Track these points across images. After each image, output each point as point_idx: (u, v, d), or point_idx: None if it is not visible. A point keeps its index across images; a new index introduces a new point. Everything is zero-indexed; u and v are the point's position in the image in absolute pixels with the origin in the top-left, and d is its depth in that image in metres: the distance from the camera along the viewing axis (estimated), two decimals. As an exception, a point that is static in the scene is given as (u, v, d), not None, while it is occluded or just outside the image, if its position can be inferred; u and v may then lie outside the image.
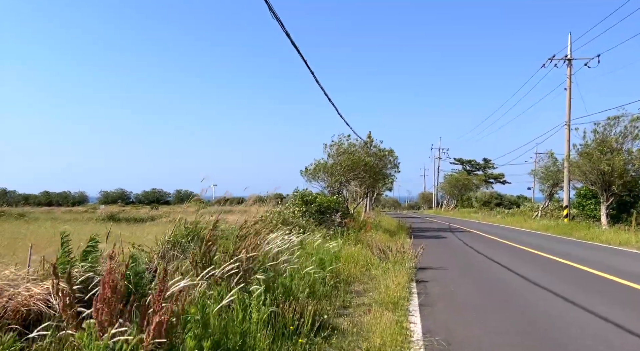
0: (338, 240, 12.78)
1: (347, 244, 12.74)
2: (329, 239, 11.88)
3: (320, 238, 10.94)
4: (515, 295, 7.88)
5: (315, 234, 11.29)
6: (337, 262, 9.64)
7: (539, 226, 28.35)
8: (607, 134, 24.46)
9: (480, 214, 48.28)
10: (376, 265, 10.47)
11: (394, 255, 10.65)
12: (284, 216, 13.33)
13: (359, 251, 11.39)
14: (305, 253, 8.02)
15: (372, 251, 11.14)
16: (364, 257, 11.03)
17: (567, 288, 8.45)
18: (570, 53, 30.29)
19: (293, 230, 10.82)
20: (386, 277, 8.44)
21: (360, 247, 12.82)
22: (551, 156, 36.37)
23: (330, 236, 13.70)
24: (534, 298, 7.67)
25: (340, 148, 23.18)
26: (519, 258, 13.29)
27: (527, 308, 6.93)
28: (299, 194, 16.35)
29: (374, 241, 13.67)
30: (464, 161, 78.91)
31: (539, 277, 9.67)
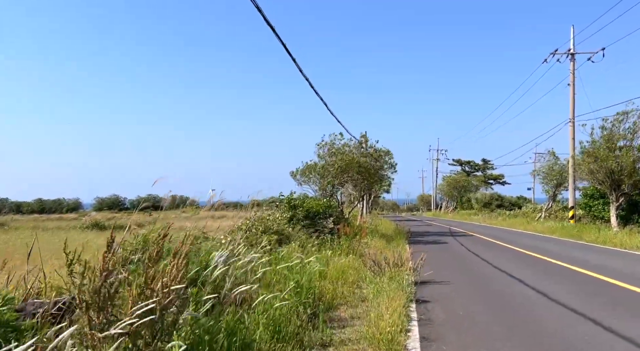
0: (326, 251, 11.30)
1: (337, 255, 11.26)
2: (314, 250, 10.37)
3: (299, 250, 9.45)
4: (539, 321, 6.40)
5: (294, 246, 9.78)
6: (321, 280, 8.15)
7: (544, 229, 26.90)
8: (616, 130, 23.03)
9: (480, 216, 46.82)
10: (370, 280, 8.98)
11: (390, 268, 9.16)
12: (266, 223, 11.83)
13: (349, 263, 9.89)
14: (276, 274, 6.51)
15: (365, 264, 9.64)
16: (355, 271, 9.54)
17: (614, 315, 6.97)
18: (573, 47, 28.92)
19: (269, 241, 9.32)
20: (379, 300, 6.94)
21: (353, 258, 11.33)
22: (553, 155, 34.96)
23: (319, 246, 12.20)
24: (565, 326, 6.18)
25: (332, 148, 21.70)
26: (530, 266, 11.81)
27: (564, 344, 5.44)
28: (285, 199, 14.85)
29: (368, 251, 12.19)
30: (462, 162, 77.51)
31: (558, 292, 8.19)
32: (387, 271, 9.07)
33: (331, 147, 21.77)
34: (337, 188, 21.72)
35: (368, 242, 16.59)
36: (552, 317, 6.49)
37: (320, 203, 15.55)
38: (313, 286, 6.64)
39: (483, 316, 6.67)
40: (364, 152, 24.43)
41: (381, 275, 9.09)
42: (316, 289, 6.73)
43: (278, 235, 11.71)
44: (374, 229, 21.68)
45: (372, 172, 23.35)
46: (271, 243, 9.27)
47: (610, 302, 7.50)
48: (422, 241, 19.98)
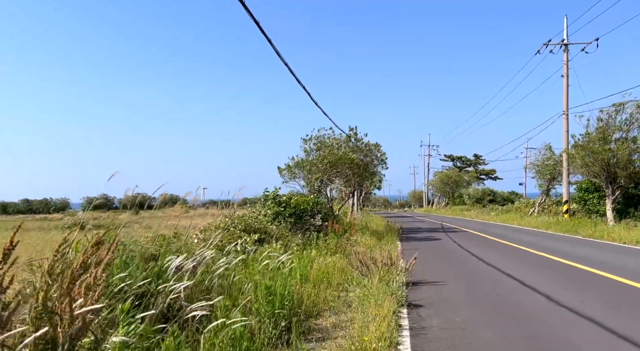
0: (311, 250, 10.51)
1: (323, 255, 10.48)
2: (297, 250, 9.57)
3: (281, 250, 8.64)
4: (539, 324, 5.65)
5: (275, 245, 8.97)
6: (303, 283, 7.36)
7: (539, 224, 26.28)
8: (612, 122, 22.44)
9: (473, 212, 46.26)
10: (357, 282, 8.21)
11: (379, 269, 8.39)
12: (246, 221, 11.01)
13: (335, 263, 9.11)
14: (247, 280, 5.69)
15: (352, 265, 8.86)
16: (341, 272, 8.76)
17: (622, 318, 6.24)
18: (566, 37, 28.30)
19: (246, 240, 8.51)
20: (366, 305, 6.16)
21: (340, 257, 10.56)
22: (549, 149, 34.36)
23: (304, 245, 11.42)
24: (578, 336, 5.44)
25: (319, 142, 20.85)
26: (529, 264, 11.10)
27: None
28: (270, 195, 14.02)
29: (357, 250, 11.44)
30: (454, 158, 77.03)
31: (562, 293, 7.48)
32: (376, 272, 8.30)
33: (317, 141, 20.93)
34: (326, 184, 20.92)
35: (358, 240, 15.84)
36: (554, 317, 5.75)
37: (308, 199, 14.75)
38: (290, 292, 5.84)
39: (483, 324, 5.90)
40: (353, 146, 23.65)
41: (370, 276, 8.33)
42: (294, 295, 5.93)
43: (260, 234, 10.92)
44: (365, 226, 20.93)
45: (362, 167, 22.58)
46: (249, 242, 8.46)
47: (618, 303, 6.79)
48: (413, 238, 19.27)
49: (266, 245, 9.53)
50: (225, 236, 9.43)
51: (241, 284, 5.27)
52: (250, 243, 8.24)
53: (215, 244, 8.19)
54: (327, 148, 20.58)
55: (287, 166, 20.36)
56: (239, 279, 5.47)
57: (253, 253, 7.60)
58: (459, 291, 8.04)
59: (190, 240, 8.97)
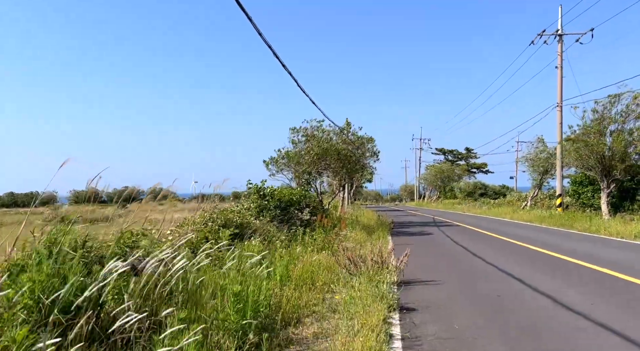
0: (296, 247, 9.81)
1: (308, 251, 9.78)
2: (279, 246, 8.85)
3: (261, 248, 7.92)
4: (550, 334, 5.00)
5: (255, 241, 8.23)
6: (284, 284, 6.66)
7: (532, 217, 25.79)
8: (607, 113, 21.90)
9: (464, 206, 45.84)
10: (344, 282, 7.53)
11: (369, 268, 7.71)
12: (226, 215, 10.25)
13: (320, 261, 8.41)
14: (214, 282, 4.96)
15: (339, 263, 8.17)
16: (327, 271, 8.07)
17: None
18: (561, 28, 27.74)
19: (219, 238, 7.77)
20: (353, 310, 5.47)
21: (328, 254, 9.88)
22: (542, 142, 33.85)
23: (289, 241, 10.71)
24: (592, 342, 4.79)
25: (307, 133, 20.09)
26: (528, 260, 10.49)
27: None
28: (254, 187, 13.27)
29: (345, 246, 10.76)
30: (446, 151, 76.62)
31: (568, 293, 6.85)
32: (366, 271, 7.62)
33: (306, 132, 20.17)
34: (315, 177, 20.21)
35: (347, 235, 15.17)
36: (567, 325, 5.10)
37: (294, 192, 14.03)
38: (268, 296, 5.13)
39: (485, 332, 5.23)
40: (344, 138, 22.92)
41: (358, 275, 7.65)
42: (271, 300, 5.22)
43: (241, 229, 10.19)
44: (355, 220, 20.27)
45: (352, 160, 21.87)
46: (222, 238, 7.72)
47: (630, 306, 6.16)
48: (405, 233, 18.65)
49: (247, 242, 8.81)
50: (201, 232, 8.70)
51: (206, 290, 4.54)
52: (224, 239, 7.49)
53: (188, 241, 7.47)
54: (315, 140, 19.85)
55: (273, 158, 19.61)
56: (204, 283, 4.74)
57: (231, 251, 6.87)
58: (455, 291, 7.38)
59: (163, 237, 8.25)
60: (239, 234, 9.88)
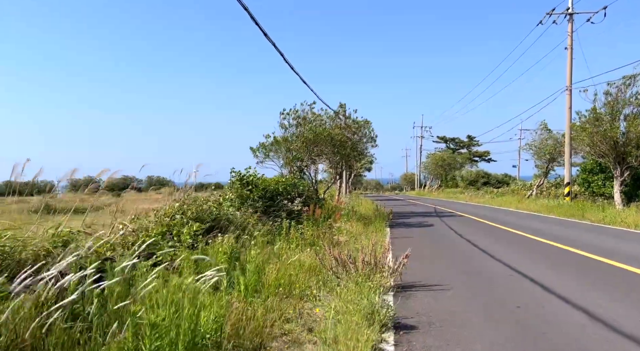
0: (281, 243, 8.50)
1: (292, 249, 8.47)
2: (254, 244, 7.50)
3: (233, 246, 6.58)
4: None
5: (229, 238, 6.88)
6: (249, 297, 5.34)
7: (539, 207, 24.45)
8: (621, 96, 20.44)
9: (467, 195, 44.51)
10: (331, 288, 6.23)
11: (360, 271, 6.38)
12: (200, 206, 8.89)
13: (302, 262, 7.08)
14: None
15: (324, 264, 6.83)
16: (311, 273, 6.76)
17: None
18: (571, 6, 26.11)
19: (184, 232, 6.43)
20: (333, 331, 4.15)
21: (317, 250, 8.57)
22: (546, 128, 32.41)
23: (273, 235, 9.38)
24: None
25: (298, 117, 18.64)
26: (541, 257, 9.18)
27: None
28: (236, 175, 11.89)
29: (329, 244, 9.48)
30: (447, 139, 75.10)
31: (607, 306, 5.54)
32: (356, 275, 6.30)
33: (297, 115, 18.73)
34: (307, 164, 18.84)
35: (341, 227, 13.87)
36: None
37: (281, 179, 12.67)
38: (220, 316, 3.80)
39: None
40: (339, 123, 21.50)
41: (347, 280, 6.34)
42: (223, 322, 3.89)
43: (217, 222, 8.86)
44: (351, 210, 18.94)
45: (347, 145, 20.46)
46: (184, 234, 6.38)
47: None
48: (405, 224, 17.32)
49: (220, 237, 7.48)
50: (157, 227, 7.35)
51: (111, 320, 3.21)
52: (185, 236, 6.16)
53: (135, 238, 6.15)
54: (307, 124, 18.43)
55: (261, 144, 18.20)
56: (110, 310, 3.39)
57: (184, 256, 5.52)
58: (464, 300, 6.05)
59: (114, 235, 6.92)
60: (213, 229, 8.56)
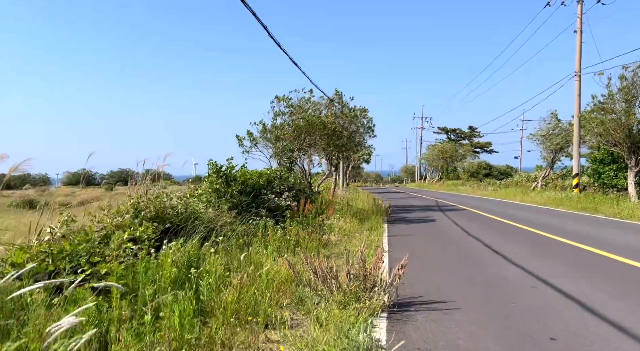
0: (258, 247, 7.13)
1: (270, 252, 7.09)
2: (220, 250, 6.09)
3: (191, 253, 5.20)
4: None
5: (193, 244, 5.49)
6: (187, 332, 3.97)
7: (546, 200, 23.07)
8: (638, 80, 18.99)
9: (468, 187, 43.15)
10: (307, 309, 4.88)
11: (344, 287, 5.01)
12: (162, 203, 7.49)
13: (278, 271, 5.70)
14: None
15: (299, 278, 5.43)
16: (284, 286, 5.39)
17: None
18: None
19: (124, 238, 5.05)
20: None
21: (296, 256, 7.23)
22: (554, 117, 30.94)
23: (247, 237, 8.00)
24: None
25: (291, 104, 17.23)
26: (563, 258, 7.81)
27: None
28: (211, 167, 10.46)
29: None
30: (448, 130, 73.57)
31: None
32: (338, 294, 4.93)
33: (289, 103, 17.32)
34: (299, 155, 17.44)
35: (334, 224, 12.49)
36: None
37: (264, 172, 11.26)
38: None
39: None
40: (334, 111, 20.05)
41: (330, 298, 4.98)
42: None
43: (181, 223, 7.48)
44: (346, 204, 17.57)
45: (343, 135, 19.04)
46: (114, 241, 5.00)
47: None
48: (404, 219, 15.94)
49: (177, 241, 6.09)
50: (101, 230, 5.95)
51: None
52: (115, 243, 4.77)
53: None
54: (300, 112, 17.01)
55: (248, 132, 16.78)
56: None
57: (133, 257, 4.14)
58: (477, 326, 4.67)
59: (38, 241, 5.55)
60: (173, 230, 7.18)
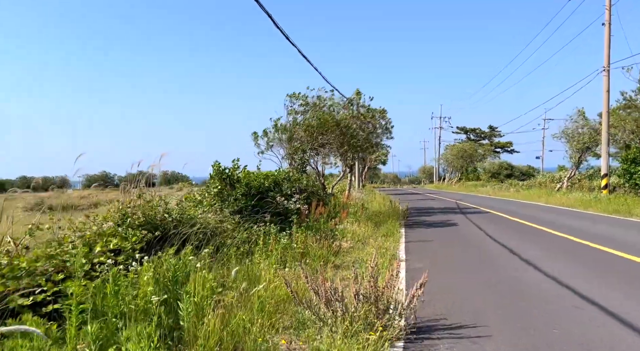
0: (259, 257, 6.36)
1: (272, 263, 6.30)
2: (198, 266, 5.32)
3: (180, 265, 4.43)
4: None
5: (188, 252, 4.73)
6: None
7: (573, 202, 21.85)
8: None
9: (489, 188, 41.77)
10: (307, 337, 4.08)
11: (350, 311, 4.19)
12: (153, 209, 6.75)
13: (276, 288, 4.90)
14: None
15: (297, 299, 4.61)
16: (283, 306, 4.59)
17: None
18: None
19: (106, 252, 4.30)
20: None
21: (292, 271, 6.43)
22: (582, 115, 29.55)
23: (249, 245, 7.21)
24: None
25: (307, 102, 16.46)
26: (613, 274, 6.84)
27: None
28: (214, 169, 9.69)
29: (338, 244, 7.32)
30: (467, 130, 71.96)
31: None
32: (342, 322, 4.10)
33: (305, 101, 16.55)
34: (311, 156, 16.64)
35: (347, 229, 11.65)
36: None
37: (270, 174, 10.48)
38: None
39: None
40: (351, 111, 19.21)
41: (334, 324, 4.16)
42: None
43: (175, 230, 6.74)
44: (361, 207, 16.70)
45: (357, 134, 18.21)
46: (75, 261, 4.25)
47: None
48: (423, 223, 15.01)
49: (166, 252, 5.34)
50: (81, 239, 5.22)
51: None
52: (79, 254, 4.02)
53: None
54: (315, 110, 16.21)
55: (264, 131, 16.02)
56: None
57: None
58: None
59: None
60: (165, 239, 6.44)
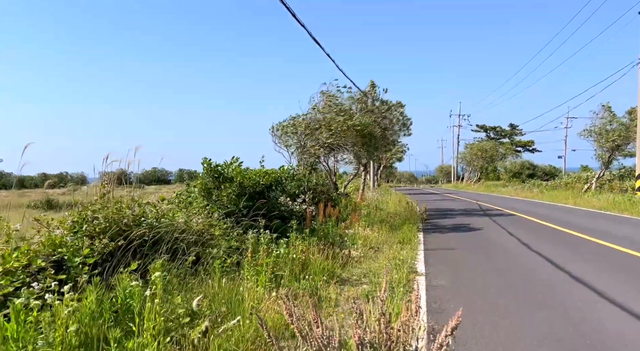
0: (247, 273, 5.13)
1: (262, 282, 5.09)
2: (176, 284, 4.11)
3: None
4: None
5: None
6: None
7: (605, 204, 20.22)
8: None
9: (511, 188, 39.97)
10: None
11: None
12: (118, 212, 5.59)
13: (263, 321, 3.68)
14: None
15: (273, 342, 3.37)
16: None
17: None
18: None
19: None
20: None
21: (293, 292, 5.20)
22: (609, 110, 27.76)
23: (236, 262, 6.00)
24: None
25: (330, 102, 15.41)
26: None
27: None
28: (205, 166, 8.49)
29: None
30: (487, 128, 69.88)
31: None
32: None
33: (328, 99, 15.50)
34: (323, 152, 15.44)
35: (357, 233, 10.39)
36: None
37: (271, 171, 9.25)
38: None
39: None
40: (368, 106, 17.97)
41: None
42: None
43: (153, 235, 5.55)
44: (375, 208, 15.39)
45: (376, 134, 16.99)
46: None
47: None
48: (444, 227, 13.62)
49: (126, 271, 4.15)
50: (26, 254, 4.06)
51: None
52: None
53: None
54: (334, 109, 15.06)
55: (280, 125, 14.87)
56: None
57: None
58: None
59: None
60: (133, 249, 5.26)
